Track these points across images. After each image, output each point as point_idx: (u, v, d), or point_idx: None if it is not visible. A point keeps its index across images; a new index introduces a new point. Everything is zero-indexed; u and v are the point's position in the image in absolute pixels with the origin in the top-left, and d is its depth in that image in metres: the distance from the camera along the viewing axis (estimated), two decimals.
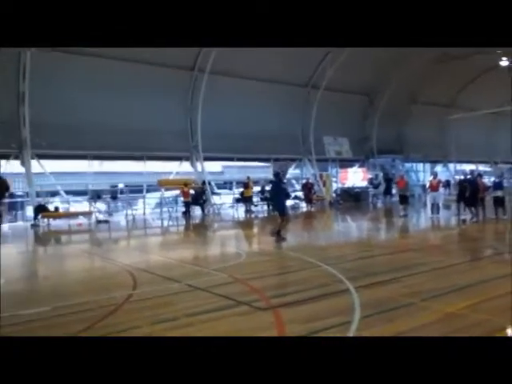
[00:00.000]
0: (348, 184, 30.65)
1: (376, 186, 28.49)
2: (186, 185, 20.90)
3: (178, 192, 22.35)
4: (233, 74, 23.42)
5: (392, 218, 18.58)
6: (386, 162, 31.53)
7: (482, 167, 38.26)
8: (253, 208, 22.59)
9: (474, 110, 31.52)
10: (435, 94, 32.05)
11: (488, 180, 21.50)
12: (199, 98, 23.06)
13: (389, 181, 25.90)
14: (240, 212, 22.37)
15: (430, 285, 6.65)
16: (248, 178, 22.74)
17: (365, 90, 29.63)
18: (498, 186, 16.31)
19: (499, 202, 15.92)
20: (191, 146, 23.64)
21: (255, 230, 17.61)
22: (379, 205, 26.09)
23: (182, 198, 21.53)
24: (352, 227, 17.35)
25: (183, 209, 21.00)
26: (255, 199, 23.46)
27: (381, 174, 29.83)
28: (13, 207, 22.68)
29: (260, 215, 21.45)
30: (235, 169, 27.80)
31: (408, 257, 9.20)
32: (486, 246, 11.35)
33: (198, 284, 7.03)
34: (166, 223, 19.37)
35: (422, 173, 34.48)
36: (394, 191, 24.06)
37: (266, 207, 22.95)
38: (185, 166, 24.08)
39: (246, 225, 18.69)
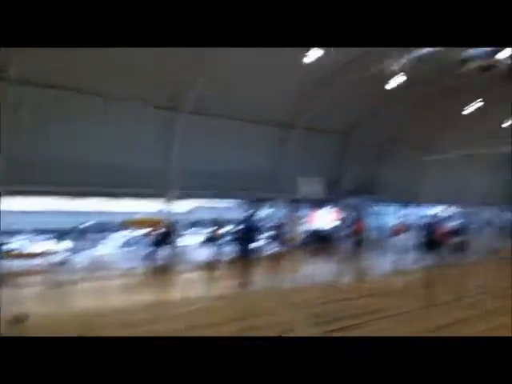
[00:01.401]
0: (319, 225, 30.77)
1: (347, 227, 28.65)
2: (153, 224, 20.66)
3: (146, 231, 22.04)
4: (207, 113, 23.67)
5: (354, 262, 18.61)
6: (358, 202, 31.86)
7: (452, 209, 39.09)
8: (221, 249, 22.36)
9: (449, 152, 32.37)
10: (413, 136, 32.68)
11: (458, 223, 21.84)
12: (174, 137, 23.20)
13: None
14: (207, 253, 22.11)
15: (389, 332, 6.62)
16: (216, 218, 22.63)
17: (341, 129, 29.99)
18: (459, 230, 16.69)
19: (460, 247, 16.24)
20: (162, 185, 23.55)
21: (219, 272, 17.39)
22: (349, 247, 26.13)
23: (148, 238, 21.21)
24: (316, 270, 17.31)
25: (150, 248, 20.65)
26: (225, 240, 23.26)
27: (353, 215, 30.11)
28: None
29: (227, 257, 21.21)
30: (206, 209, 27.68)
31: (366, 302, 9.17)
32: (447, 291, 11.43)
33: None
34: (129, 264, 18.97)
35: (390, 215, 34.81)
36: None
37: (234, 248, 22.73)
38: (155, 205, 23.89)
39: (210, 267, 18.45)
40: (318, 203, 30.99)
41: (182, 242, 23.38)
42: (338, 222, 29.56)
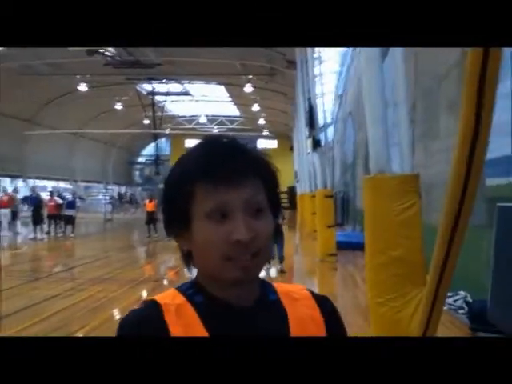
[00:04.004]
0: None
1: None
2: None
3: None
4: None
5: None
6: None
7: (63, 184, 39.40)
8: None
9: (55, 128, 32.13)
10: (14, 107, 30.37)
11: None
12: None
13: None
14: None
15: None
16: None
17: None
18: (70, 205, 17.11)
19: (70, 220, 16.74)
20: None
21: None
22: None
23: None
24: None
25: None
26: None
27: None
28: None
29: None
30: None
31: None
32: (49, 264, 11.57)
33: None
34: None
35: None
36: None
37: None
38: None
39: None
40: None
41: None
42: None
